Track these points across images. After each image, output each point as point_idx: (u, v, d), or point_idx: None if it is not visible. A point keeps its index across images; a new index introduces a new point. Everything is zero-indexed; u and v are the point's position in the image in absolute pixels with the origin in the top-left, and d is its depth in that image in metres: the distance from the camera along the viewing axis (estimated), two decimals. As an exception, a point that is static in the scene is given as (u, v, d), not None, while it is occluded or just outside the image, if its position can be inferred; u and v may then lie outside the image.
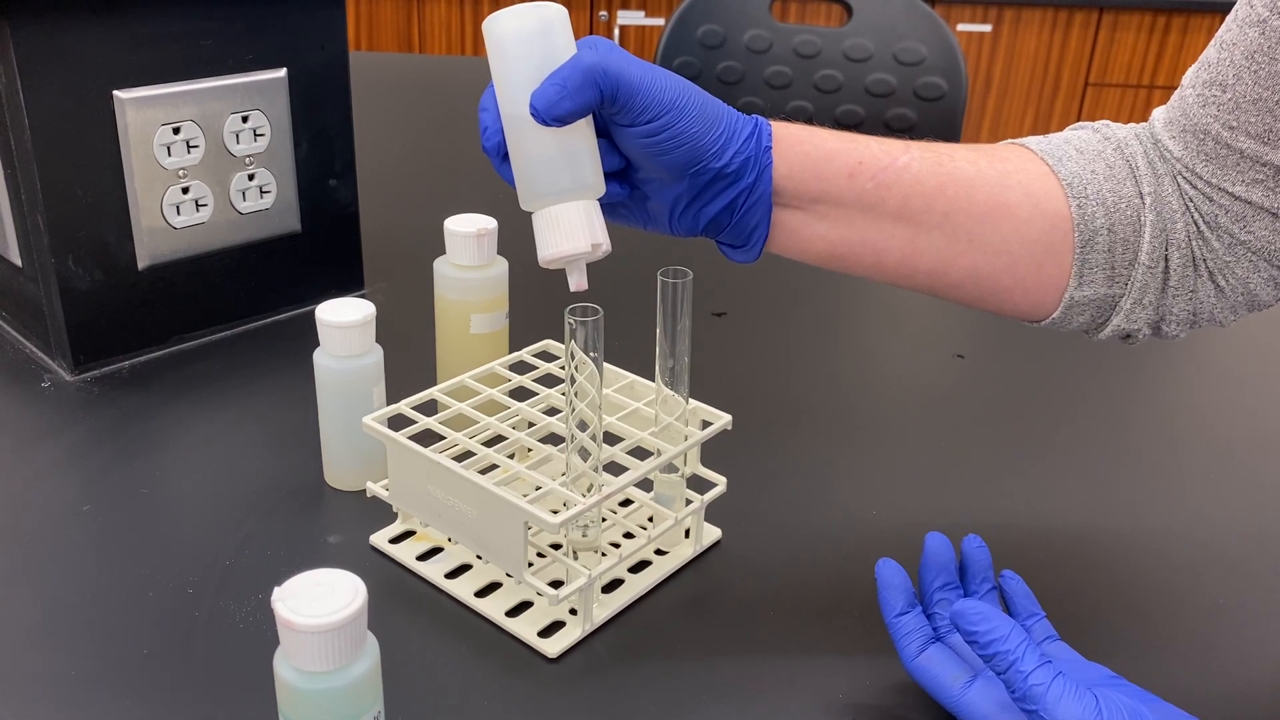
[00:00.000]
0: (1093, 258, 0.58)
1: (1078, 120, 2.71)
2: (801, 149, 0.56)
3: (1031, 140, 0.61)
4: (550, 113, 0.51)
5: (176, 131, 0.81)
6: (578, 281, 0.54)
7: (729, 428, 0.65)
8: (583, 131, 0.52)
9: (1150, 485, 0.76)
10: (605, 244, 0.53)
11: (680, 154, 0.53)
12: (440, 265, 0.74)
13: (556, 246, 0.52)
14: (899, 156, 0.57)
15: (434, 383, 0.72)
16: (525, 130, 0.52)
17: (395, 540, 0.66)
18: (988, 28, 2.67)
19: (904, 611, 0.55)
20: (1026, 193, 0.58)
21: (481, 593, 0.62)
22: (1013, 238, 0.58)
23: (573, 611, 0.60)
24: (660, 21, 2.71)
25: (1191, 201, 0.58)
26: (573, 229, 0.52)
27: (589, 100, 0.51)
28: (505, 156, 0.55)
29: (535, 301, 0.90)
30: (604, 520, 0.66)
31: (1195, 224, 0.58)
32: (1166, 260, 0.58)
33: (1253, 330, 1.00)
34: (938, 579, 0.57)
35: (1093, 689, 0.48)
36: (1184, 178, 0.58)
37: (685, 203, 0.56)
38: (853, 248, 0.59)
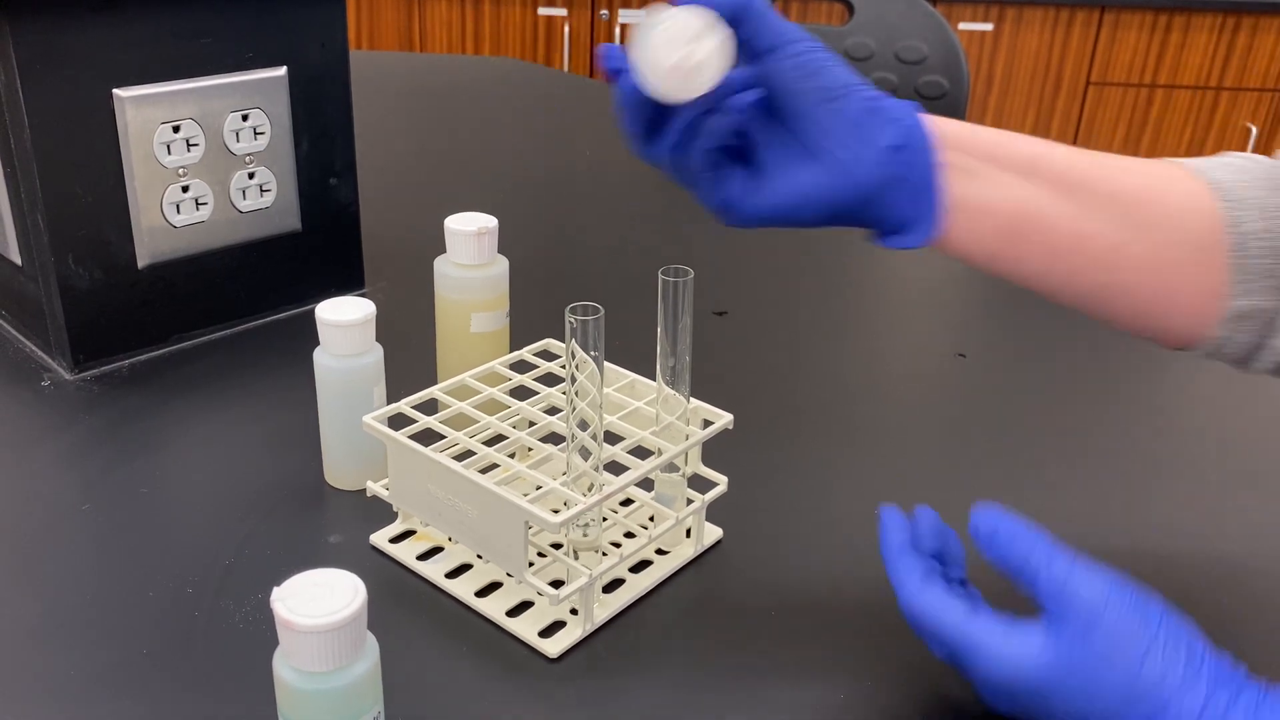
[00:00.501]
0: (1249, 264, 0.55)
1: (1079, 119, 2.71)
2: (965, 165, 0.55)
3: (1181, 161, 0.58)
4: None
5: (176, 130, 0.81)
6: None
7: (730, 427, 0.65)
8: None
9: (1152, 483, 0.76)
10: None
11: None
12: (441, 264, 0.74)
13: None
14: (1071, 168, 0.56)
15: (434, 382, 0.71)
16: None
17: (395, 540, 0.66)
18: (989, 26, 2.67)
19: (905, 552, 0.55)
20: (1184, 205, 0.56)
21: (482, 592, 0.62)
22: (1176, 246, 0.55)
23: (573, 611, 0.60)
24: (661, 20, 2.70)
25: None
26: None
27: None
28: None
29: (536, 300, 0.90)
30: (605, 520, 0.66)
31: None
32: None
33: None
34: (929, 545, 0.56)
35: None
36: None
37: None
38: (1021, 220, 0.55)
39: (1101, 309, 0.59)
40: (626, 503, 0.68)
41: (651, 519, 0.68)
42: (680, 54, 0.47)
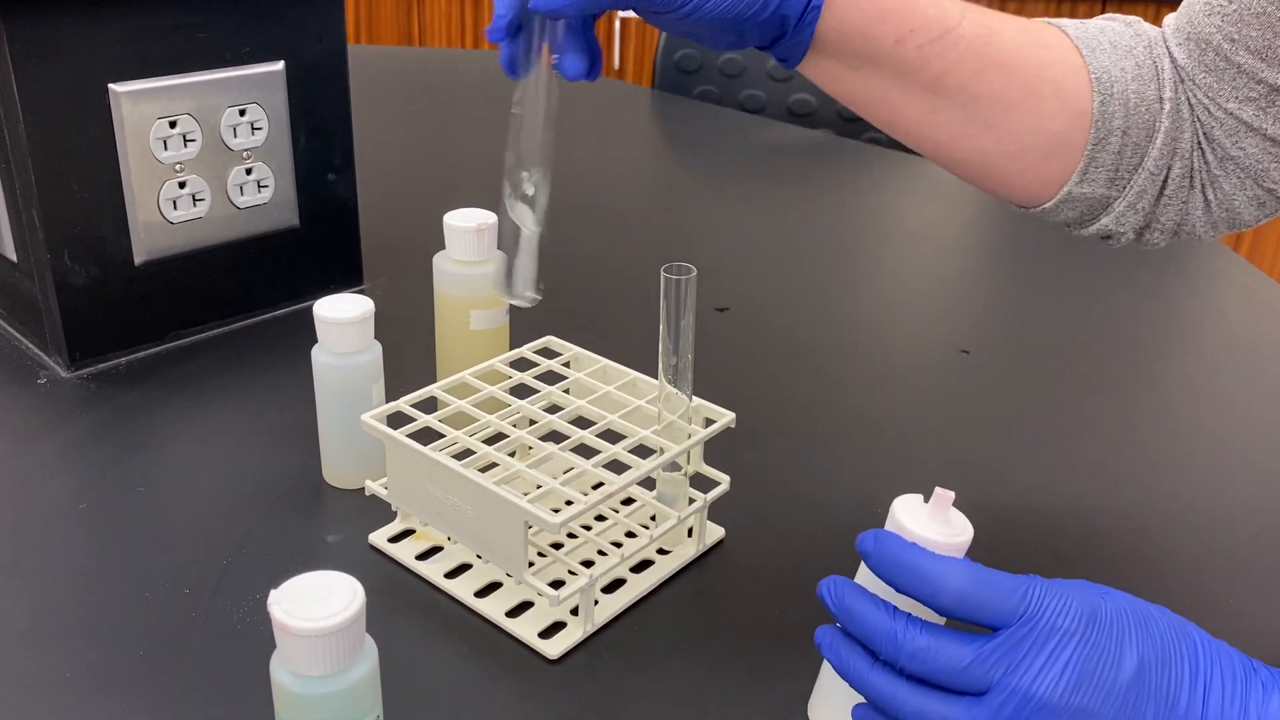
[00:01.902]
0: (1101, 157, 0.57)
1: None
2: (857, 6, 0.55)
3: (1069, 24, 0.59)
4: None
5: (173, 125, 0.80)
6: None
7: (732, 425, 0.64)
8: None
9: (1155, 479, 0.76)
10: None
11: (721, 30, 0.54)
12: (440, 260, 0.74)
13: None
14: (950, 29, 0.56)
15: (433, 379, 0.71)
16: None
17: (394, 539, 0.65)
18: (990, 21, 2.65)
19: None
20: (1057, 87, 0.57)
21: (481, 593, 0.61)
22: (1031, 129, 0.57)
23: (574, 612, 0.60)
24: (661, 14, 2.69)
25: (1193, 111, 0.57)
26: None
27: None
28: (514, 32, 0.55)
29: (536, 297, 0.89)
30: (605, 520, 0.66)
31: (1197, 135, 0.58)
32: (1169, 169, 0.58)
33: (1259, 324, 0.99)
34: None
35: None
36: (1186, 86, 0.57)
37: (727, 42, 0.56)
38: (874, 102, 0.58)
39: (940, 160, 0.61)
40: (628, 502, 0.68)
41: (653, 518, 0.67)
42: (935, 497, 0.47)
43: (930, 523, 0.47)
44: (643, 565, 0.64)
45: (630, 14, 2.80)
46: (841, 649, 0.46)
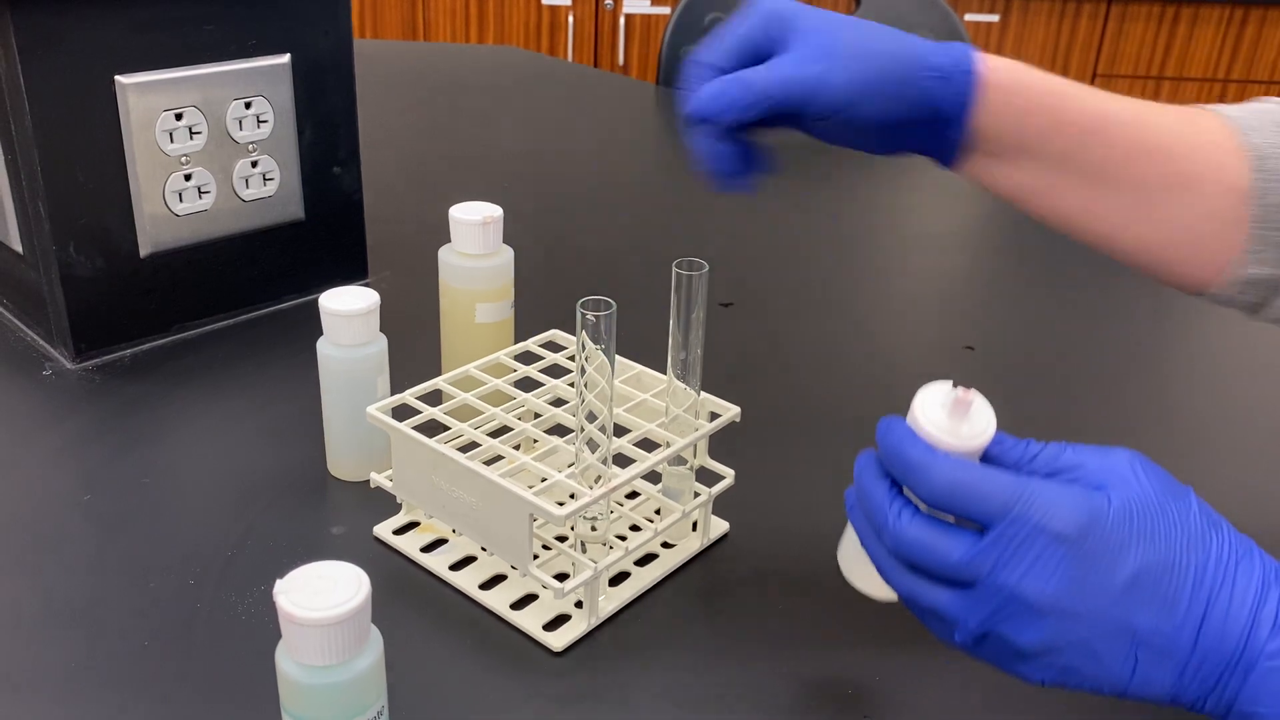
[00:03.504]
0: (1268, 235, 0.55)
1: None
2: (1008, 101, 0.55)
3: (1226, 109, 0.59)
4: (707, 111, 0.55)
5: (179, 117, 0.80)
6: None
7: (738, 420, 0.64)
8: None
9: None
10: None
11: (878, 135, 0.56)
12: (445, 254, 0.73)
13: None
14: (1105, 117, 0.56)
15: (439, 372, 0.71)
16: None
17: (399, 531, 0.65)
18: (995, 18, 2.65)
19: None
20: (1215, 168, 0.56)
21: (486, 585, 0.61)
22: (1191, 212, 0.56)
23: (578, 605, 0.60)
24: (666, 10, 2.69)
25: None
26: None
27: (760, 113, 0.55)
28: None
29: (541, 291, 0.89)
30: (612, 513, 0.66)
31: None
32: None
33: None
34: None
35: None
36: None
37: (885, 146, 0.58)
38: (1032, 195, 0.58)
39: (1103, 250, 0.60)
40: (633, 495, 0.68)
41: (658, 512, 0.67)
42: (955, 396, 0.47)
43: (945, 421, 0.47)
44: (647, 559, 0.64)
45: (636, 8, 2.78)
46: (858, 515, 0.48)
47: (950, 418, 0.47)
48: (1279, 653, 0.42)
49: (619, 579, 0.62)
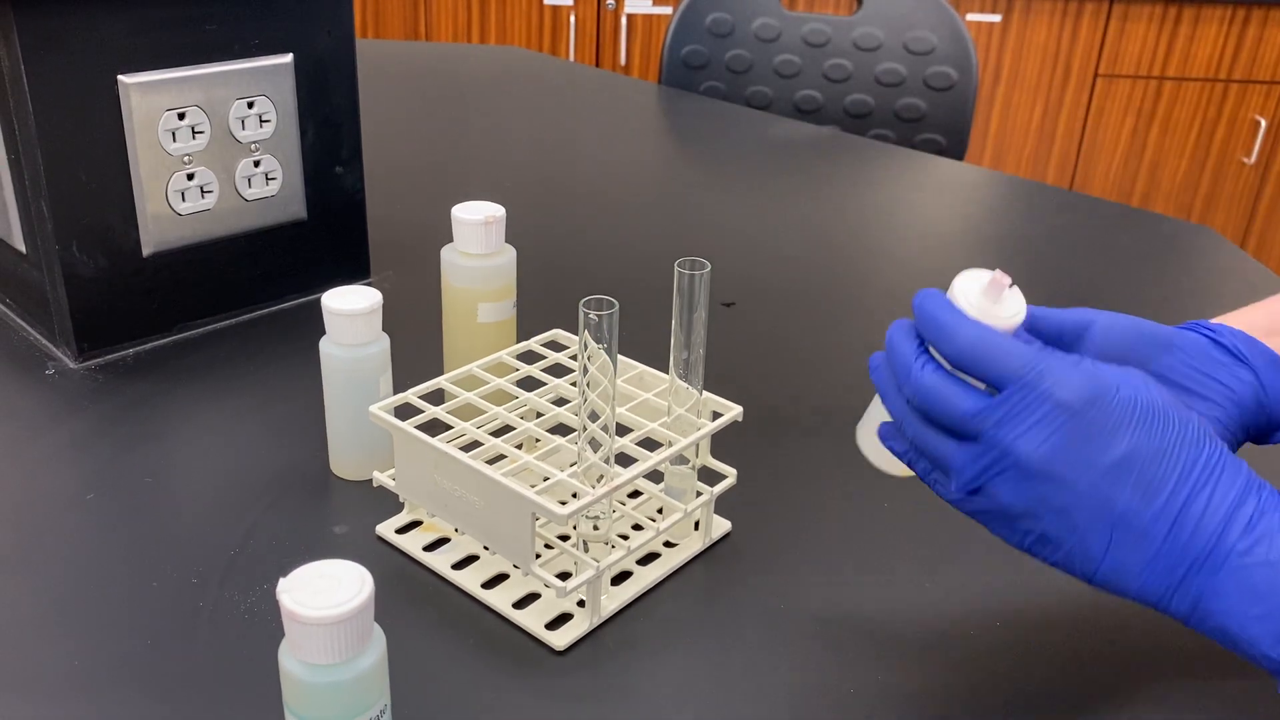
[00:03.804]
0: None
1: (1087, 111, 2.70)
2: None
3: None
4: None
5: (182, 117, 0.80)
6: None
7: (740, 419, 0.64)
8: None
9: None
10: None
11: None
12: (447, 253, 0.74)
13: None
14: None
15: (441, 372, 0.71)
16: None
17: (402, 530, 0.65)
18: (997, 18, 2.65)
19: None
20: None
21: (489, 584, 0.61)
22: None
23: (581, 603, 0.60)
24: (668, 10, 2.69)
25: None
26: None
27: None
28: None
29: (543, 290, 0.89)
30: (614, 512, 0.66)
31: None
32: None
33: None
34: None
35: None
36: None
37: None
38: None
39: None
40: (635, 495, 0.68)
41: (660, 511, 0.67)
42: (991, 278, 0.50)
43: (980, 300, 0.50)
44: (649, 558, 0.64)
45: (638, 8, 2.78)
46: (883, 372, 0.52)
47: (985, 297, 0.50)
48: (1250, 550, 0.44)
49: (621, 578, 0.62)
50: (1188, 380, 0.54)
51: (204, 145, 0.82)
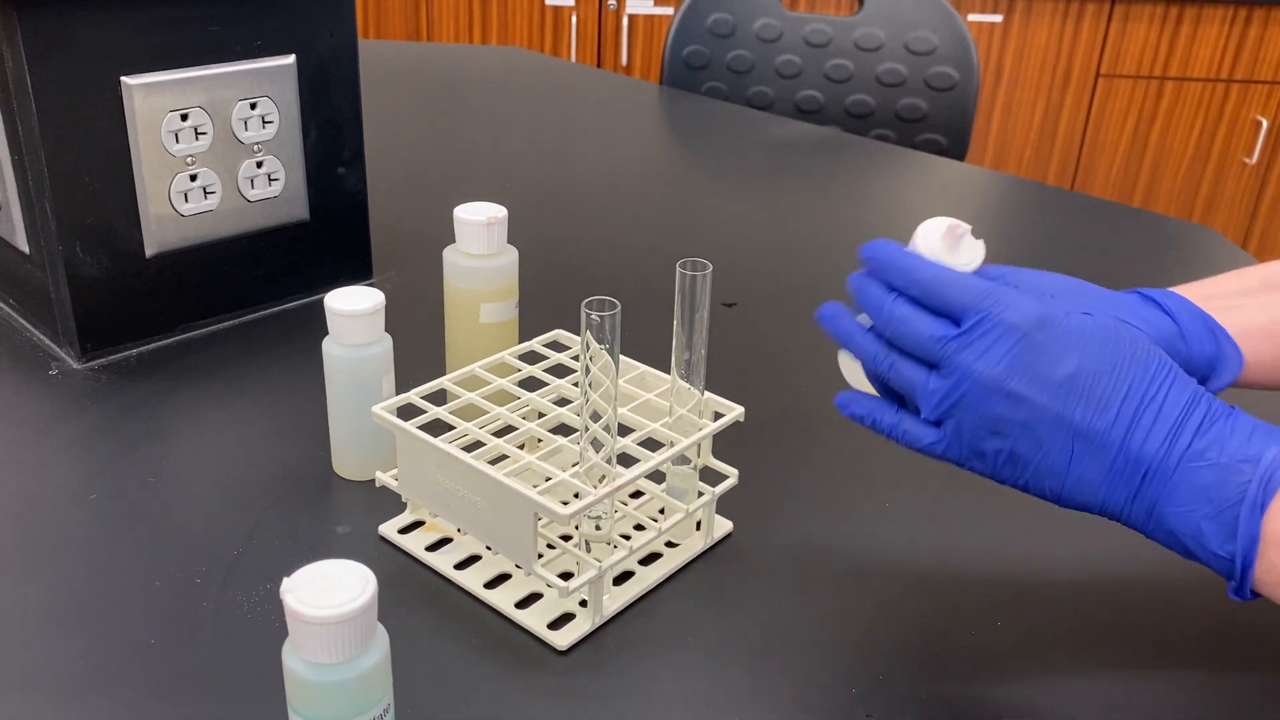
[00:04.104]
0: None
1: (1089, 112, 2.70)
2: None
3: None
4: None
5: (185, 118, 0.81)
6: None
7: (741, 419, 0.64)
8: None
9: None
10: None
11: None
12: (450, 254, 0.74)
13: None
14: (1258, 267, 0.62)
15: (443, 372, 0.71)
16: None
17: (404, 530, 0.65)
18: (998, 18, 2.65)
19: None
20: None
21: (491, 584, 0.61)
22: None
23: (583, 603, 0.60)
24: (669, 10, 2.70)
25: None
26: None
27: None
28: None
29: (545, 291, 0.89)
30: (616, 512, 0.66)
31: None
32: None
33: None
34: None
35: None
36: None
37: None
38: None
39: None
40: (637, 495, 0.68)
41: (662, 511, 0.67)
42: (948, 225, 0.54)
43: (939, 246, 0.53)
44: (651, 558, 0.64)
45: (639, 8, 2.78)
46: (840, 317, 0.55)
47: (943, 244, 0.53)
48: (1201, 454, 0.47)
49: (623, 578, 0.62)
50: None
51: (207, 146, 0.82)
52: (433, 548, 0.64)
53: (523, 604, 0.60)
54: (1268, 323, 0.58)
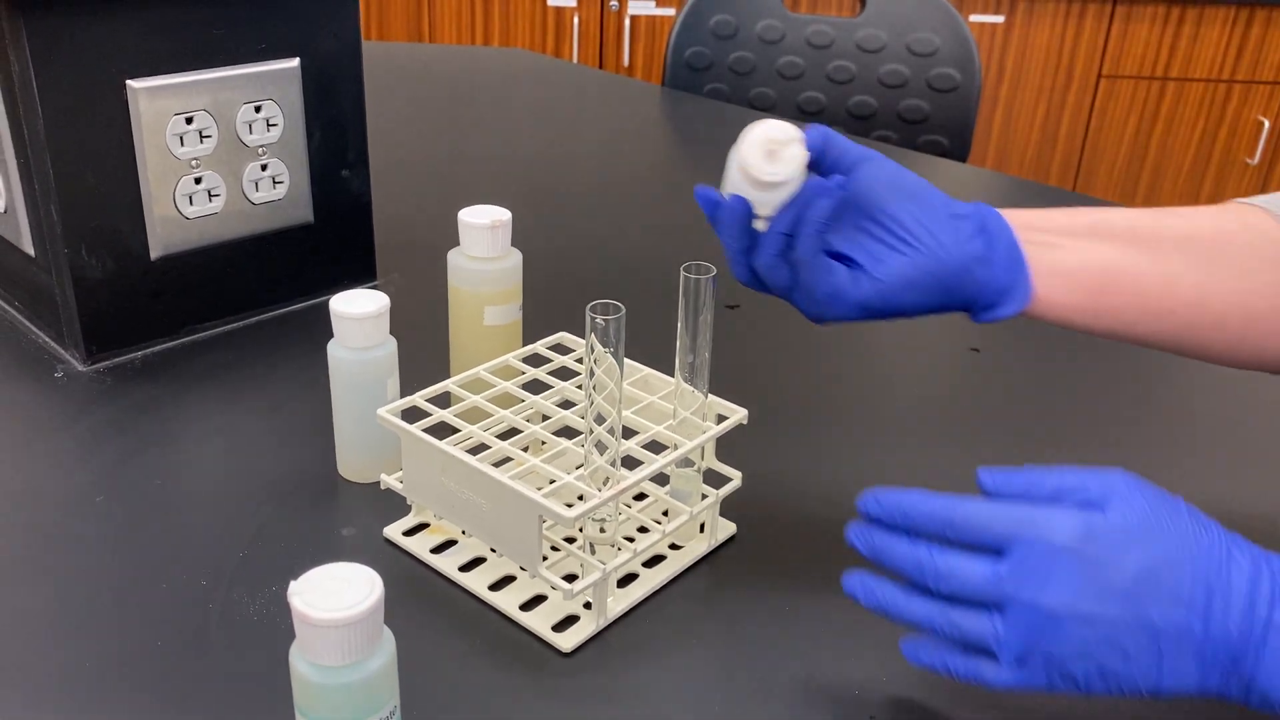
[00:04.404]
0: None
1: (1090, 112, 2.70)
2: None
3: (1257, 199, 0.62)
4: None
5: (189, 121, 0.81)
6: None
7: (745, 422, 0.65)
8: None
9: (1168, 476, 0.76)
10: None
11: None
12: (454, 256, 0.74)
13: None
14: (1110, 209, 0.62)
15: (447, 375, 0.71)
16: None
17: (409, 533, 0.66)
18: (1000, 19, 2.66)
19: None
20: (1250, 222, 0.60)
21: (496, 586, 0.62)
22: (1250, 256, 0.59)
23: (587, 606, 0.60)
24: (671, 12, 2.70)
25: None
26: None
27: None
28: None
29: (549, 294, 0.89)
30: (619, 514, 0.66)
31: None
32: None
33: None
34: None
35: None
36: None
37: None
38: (1108, 276, 0.60)
39: (1196, 347, 0.62)
40: (641, 497, 0.68)
41: (665, 514, 0.68)
42: (768, 145, 0.55)
43: (758, 160, 0.55)
44: (655, 560, 0.64)
45: (642, 10, 2.78)
46: (875, 589, 0.52)
47: (761, 155, 0.55)
48: (1276, 621, 0.46)
49: (627, 580, 0.63)
50: (902, 230, 0.58)
51: (211, 149, 0.83)
52: (437, 550, 0.64)
53: (527, 606, 0.60)
54: (1075, 267, 0.59)
